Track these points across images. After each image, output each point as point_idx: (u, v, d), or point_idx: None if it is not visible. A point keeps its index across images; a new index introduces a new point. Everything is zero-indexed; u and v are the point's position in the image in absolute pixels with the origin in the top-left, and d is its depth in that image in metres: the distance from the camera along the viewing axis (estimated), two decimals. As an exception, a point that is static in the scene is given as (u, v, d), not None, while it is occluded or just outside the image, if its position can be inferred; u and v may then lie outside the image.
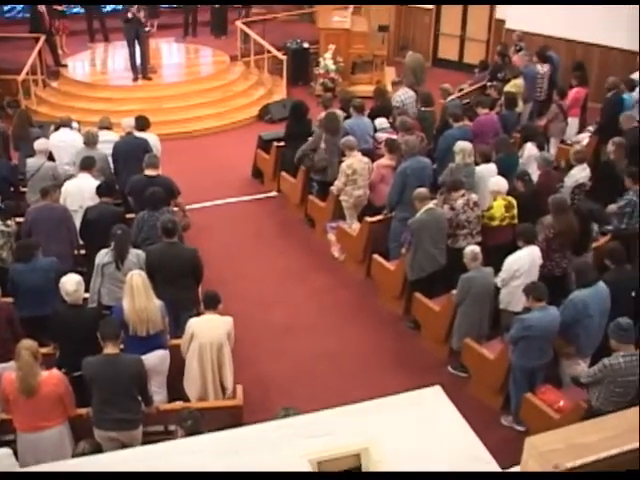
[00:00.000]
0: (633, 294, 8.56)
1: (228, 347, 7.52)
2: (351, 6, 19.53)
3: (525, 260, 8.64)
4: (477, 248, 8.81)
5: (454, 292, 8.87)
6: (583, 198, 10.32)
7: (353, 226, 11.08)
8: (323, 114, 11.91)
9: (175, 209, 9.95)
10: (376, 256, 10.41)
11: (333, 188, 11.18)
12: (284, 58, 17.73)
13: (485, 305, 8.79)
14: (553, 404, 7.73)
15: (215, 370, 7.47)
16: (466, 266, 8.73)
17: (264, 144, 13.53)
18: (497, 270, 8.80)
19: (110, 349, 6.80)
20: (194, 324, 7.50)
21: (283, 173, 12.77)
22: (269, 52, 17.97)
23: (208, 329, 7.44)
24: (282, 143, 12.90)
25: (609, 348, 7.24)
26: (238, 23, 18.52)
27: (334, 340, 9.68)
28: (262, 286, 10.74)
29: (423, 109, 12.73)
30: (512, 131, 12.45)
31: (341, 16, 19.03)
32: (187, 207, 10.81)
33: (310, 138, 12.02)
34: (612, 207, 10.01)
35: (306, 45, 18.58)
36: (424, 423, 2.81)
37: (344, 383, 8.72)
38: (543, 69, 14.68)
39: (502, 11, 18.87)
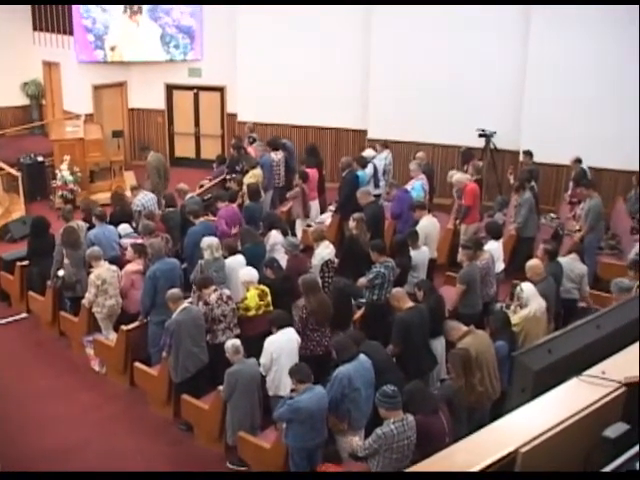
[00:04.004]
0: (394, 360, 8.92)
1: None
2: (83, 115, 19.37)
3: (282, 342, 8.78)
4: (237, 341, 8.88)
5: (221, 388, 8.84)
6: (334, 275, 10.65)
7: (110, 337, 10.85)
8: (62, 229, 11.65)
9: None
10: (137, 364, 10.23)
11: (84, 301, 10.94)
12: (19, 174, 17.22)
13: (254, 395, 8.81)
14: (336, 481, 7.83)
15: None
16: (229, 360, 8.75)
17: (7, 265, 13.02)
18: (260, 359, 8.87)
19: None
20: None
21: (31, 293, 12.34)
22: (2, 170, 17.39)
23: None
24: (26, 262, 12.48)
25: (379, 417, 7.44)
26: (-36, 142, 17.87)
27: (111, 455, 9.29)
28: (28, 411, 10.15)
29: (167, 210, 12.78)
30: (259, 221, 12.71)
31: (73, 125, 18.86)
32: None
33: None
34: (362, 280, 10.41)
35: (40, 158, 18.06)
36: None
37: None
38: (277, 157, 15.19)
39: (233, 105, 19.44)
